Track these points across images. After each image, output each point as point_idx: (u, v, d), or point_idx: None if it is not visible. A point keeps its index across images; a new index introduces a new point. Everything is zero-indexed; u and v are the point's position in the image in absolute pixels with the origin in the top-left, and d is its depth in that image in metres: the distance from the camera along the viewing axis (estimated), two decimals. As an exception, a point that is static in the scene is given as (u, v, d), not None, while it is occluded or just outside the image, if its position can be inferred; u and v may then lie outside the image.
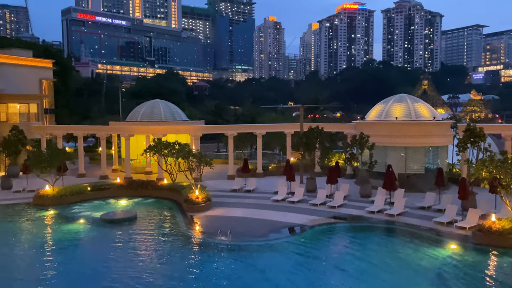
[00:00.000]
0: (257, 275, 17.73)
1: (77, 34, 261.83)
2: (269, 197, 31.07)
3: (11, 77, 46.70)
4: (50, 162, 30.97)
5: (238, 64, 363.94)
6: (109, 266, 19.05)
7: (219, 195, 31.93)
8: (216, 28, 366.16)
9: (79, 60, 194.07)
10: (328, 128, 40.55)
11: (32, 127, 45.05)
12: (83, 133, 44.24)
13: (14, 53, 51.55)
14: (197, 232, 23.76)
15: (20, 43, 77.37)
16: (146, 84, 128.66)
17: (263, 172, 40.92)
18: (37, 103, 50.19)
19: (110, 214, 27.21)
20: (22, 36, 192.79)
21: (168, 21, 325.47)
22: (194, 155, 30.25)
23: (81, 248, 22.61)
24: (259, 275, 17.73)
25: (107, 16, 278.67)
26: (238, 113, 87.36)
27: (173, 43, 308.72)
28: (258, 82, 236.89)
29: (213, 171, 35.84)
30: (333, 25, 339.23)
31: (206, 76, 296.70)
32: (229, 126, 47.64)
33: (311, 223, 24.71)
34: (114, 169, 45.02)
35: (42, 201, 30.08)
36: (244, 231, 23.16)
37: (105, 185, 34.07)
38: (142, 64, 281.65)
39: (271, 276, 17.57)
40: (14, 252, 21.42)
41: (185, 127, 43.28)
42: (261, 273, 17.89)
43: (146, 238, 23.34)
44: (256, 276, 17.64)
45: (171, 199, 31.33)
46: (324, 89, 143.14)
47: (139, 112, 46.38)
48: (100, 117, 70.80)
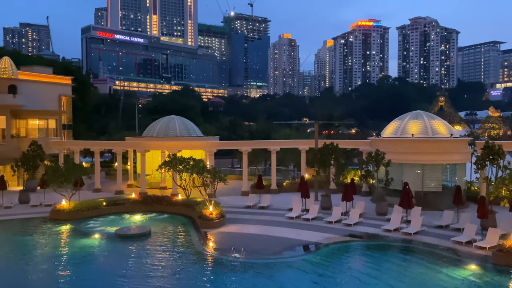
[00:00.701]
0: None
1: (96, 52, 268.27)
2: (283, 214, 30.81)
3: (32, 94, 47.86)
4: (67, 177, 31.36)
5: (253, 80, 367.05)
6: (123, 281, 19.01)
7: (233, 211, 31.81)
8: (231, 46, 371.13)
9: (98, 76, 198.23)
10: (343, 144, 40.27)
11: (51, 142, 45.88)
12: (100, 148, 44.85)
13: (35, 70, 52.97)
14: (210, 248, 23.62)
15: (41, 61, 79.63)
16: (162, 100, 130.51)
17: (277, 188, 40.71)
18: (56, 118, 51.24)
19: (125, 230, 27.31)
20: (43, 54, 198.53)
21: (184, 38, 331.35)
22: (208, 171, 30.32)
23: (96, 263, 22.64)
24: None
25: (125, 34, 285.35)
26: (252, 129, 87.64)
27: (189, 60, 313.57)
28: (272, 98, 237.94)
29: (227, 187, 35.81)
30: (348, 41, 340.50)
31: (221, 92, 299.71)
32: (243, 142, 47.76)
33: (326, 241, 24.36)
34: (130, 184, 45.38)
35: (59, 216, 30.41)
36: (258, 249, 22.93)
37: (120, 200, 34.32)
38: (158, 81, 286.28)
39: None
40: (30, 266, 21.59)
41: (199, 143, 43.54)
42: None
43: (160, 254, 23.29)
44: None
45: (185, 214, 31.32)
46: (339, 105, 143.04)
47: (155, 128, 46.90)
48: (117, 132, 71.84)
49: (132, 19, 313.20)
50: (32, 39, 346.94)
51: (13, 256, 23.53)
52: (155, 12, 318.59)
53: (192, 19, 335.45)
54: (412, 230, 25.28)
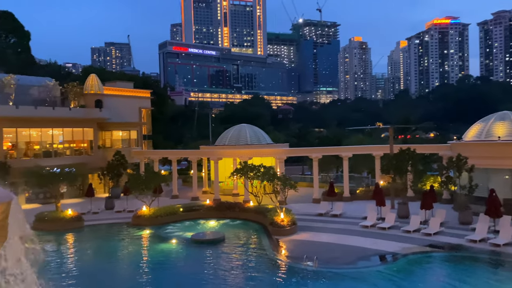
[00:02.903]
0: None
1: (172, 66, 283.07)
2: (357, 222, 29.87)
3: (115, 107, 51.67)
4: (147, 184, 33.24)
5: (323, 86, 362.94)
6: (200, 285, 19.63)
7: (305, 219, 31.49)
8: (300, 52, 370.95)
9: (174, 89, 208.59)
10: (421, 149, 38.21)
11: (132, 152, 49.06)
12: (177, 157, 47.07)
13: (118, 85, 57.22)
14: (283, 256, 23.58)
15: (123, 76, 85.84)
16: (233, 109, 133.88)
17: (350, 196, 39.63)
18: (137, 130, 54.76)
19: (200, 235, 28.26)
20: (125, 70, 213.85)
21: (254, 48, 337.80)
22: (278, 178, 30.41)
23: (173, 267, 23.67)
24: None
25: (198, 48, 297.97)
26: (322, 136, 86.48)
27: (259, 69, 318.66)
28: (343, 103, 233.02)
29: (298, 194, 35.58)
30: (423, 41, 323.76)
31: (290, 99, 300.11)
32: (313, 148, 47.28)
33: (404, 251, 23.15)
34: (204, 191, 46.99)
35: (139, 221, 32.31)
36: (331, 258, 22.44)
37: (195, 207, 35.65)
38: (230, 91, 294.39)
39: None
40: (114, 268, 23.17)
41: (269, 150, 43.88)
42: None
43: (234, 260, 23.74)
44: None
45: (257, 221, 31.63)
46: (415, 108, 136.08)
47: (227, 136, 48.19)
48: (192, 142, 74.94)
49: (205, 32, 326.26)
50: (116, 56, 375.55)
51: (99, 259, 25.42)
52: (226, 25, 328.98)
53: (261, 29, 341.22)
54: (501, 241, 23.15)
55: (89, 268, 23.51)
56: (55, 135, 46.05)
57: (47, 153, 44.52)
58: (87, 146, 48.80)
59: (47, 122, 44.35)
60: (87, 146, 48.80)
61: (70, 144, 47.65)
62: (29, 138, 44.53)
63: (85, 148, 48.67)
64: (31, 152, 44.46)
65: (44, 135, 45.20)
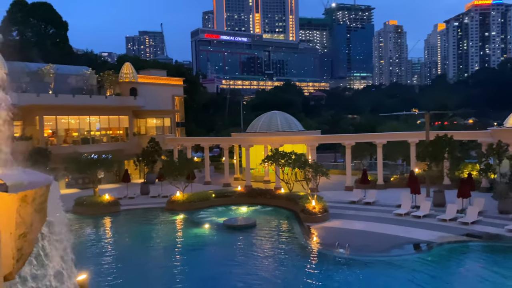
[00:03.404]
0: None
1: (204, 53, 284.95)
2: (391, 210, 29.34)
3: (149, 95, 52.69)
4: (180, 171, 33.92)
5: (357, 71, 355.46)
6: (232, 270, 19.95)
7: (337, 206, 31.25)
8: (333, 37, 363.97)
9: (206, 77, 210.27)
10: (459, 136, 36.90)
11: (166, 139, 50.02)
12: (209, 144, 47.64)
13: (151, 73, 58.24)
14: (314, 243, 23.55)
15: (157, 64, 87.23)
16: (265, 96, 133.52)
17: (384, 183, 38.92)
18: (170, 117, 55.70)
19: (232, 221, 28.64)
20: (159, 58, 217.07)
21: (286, 34, 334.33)
22: (310, 165, 30.22)
23: (207, 251, 24.16)
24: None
25: (229, 35, 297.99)
26: (356, 122, 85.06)
27: (291, 55, 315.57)
28: (378, 89, 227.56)
29: (330, 181, 35.30)
30: (463, 24, 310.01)
31: (323, 85, 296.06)
32: (346, 135, 46.58)
33: (439, 240, 22.59)
34: (236, 178, 47.43)
35: (173, 206, 33.08)
36: (364, 245, 22.21)
37: (227, 193, 36.10)
38: (261, 78, 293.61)
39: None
40: (150, 251, 23.89)
41: (301, 137, 43.60)
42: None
43: (265, 245, 23.94)
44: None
45: (288, 208, 31.68)
46: (453, 93, 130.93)
47: (258, 123, 48.22)
48: (224, 129, 75.57)
49: (236, 19, 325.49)
50: (149, 45, 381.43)
51: (135, 242, 26.26)
52: (258, 11, 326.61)
53: (293, 14, 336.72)
54: (545, 232, 22.15)
55: (125, 250, 24.37)
56: (92, 122, 47.57)
57: (85, 140, 46.12)
58: (123, 133, 50.16)
59: (85, 110, 45.83)
60: (123, 133, 50.16)
61: (106, 131, 49.13)
62: (68, 126, 46.21)
63: (121, 135, 50.04)
64: (70, 139, 46.17)
65: (82, 123, 46.77)
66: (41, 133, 42.67)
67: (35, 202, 4.75)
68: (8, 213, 4.22)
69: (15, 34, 71.37)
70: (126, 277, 19.64)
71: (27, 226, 4.60)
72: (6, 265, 4.21)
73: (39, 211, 4.93)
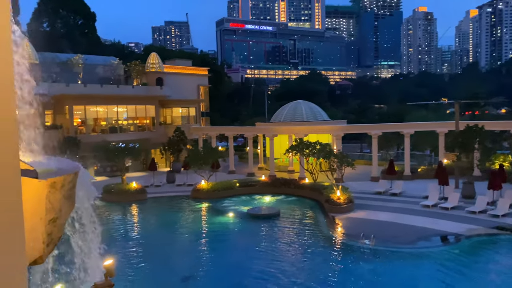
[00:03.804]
0: (402, 285, 16.57)
1: (229, 43, 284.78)
2: (418, 201, 28.79)
3: (175, 85, 53.22)
4: (205, 160, 34.26)
5: (384, 60, 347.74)
6: (255, 258, 20.09)
7: (362, 197, 30.90)
8: (360, 25, 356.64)
9: (231, 66, 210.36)
10: (490, 126, 35.69)
11: (191, 129, 50.53)
12: (233, 133, 47.84)
13: (177, 63, 58.72)
14: (338, 233, 23.41)
15: (182, 54, 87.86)
16: (290, 86, 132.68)
17: (411, 174, 38.17)
18: (195, 107, 56.17)
19: (256, 210, 28.77)
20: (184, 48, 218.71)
21: (311, 22, 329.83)
22: (335, 155, 29.92)
23: (231, 239, 24.41)
24: (405, 285, 16.54)
25: (254, 24, 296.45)
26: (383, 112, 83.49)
27: (316, 44, 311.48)
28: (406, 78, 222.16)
29: (356, 172, 34.95)
30: (496, 9, 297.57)
31: (349, 74, 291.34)
32: (373, 125, 45.79)
33: (468, 232, 22.04)
34: (260, 167, 47.53)
35: (198, 195, 33.52)
36: (389, 236, 21.91)
37: (251, 182, 36.25)
38: (286, 67, 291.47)
39: (418, 287, 16.22)
40: (174, 238, 24.34)
41: (326, 127, 43.17)
42: (407, 282, 16.67)
43: (289, 235, 23.96)
44: (401, 286, 16.50)
45: (312, 198, 31.56)
46: (485, 82, 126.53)
47: (282, 113, 48.00)
48: (248, 118, 75.64)
49: (261, 8, 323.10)
50: (175, 35, 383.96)
51: (161, 228, 26.78)
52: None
53: (319, 2, 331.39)
54: None
55: (151, 236, 24.93)
56: (119, 111, 48.51)
57: (113, 129, 47.11)
58: (149, 122, 50.96)
59: (112, 99, 46.74)
60: (149, 122, 50.96)
61: (133, 120, 50.02)
62: (97, 115, 47.28)
63: (148, 125, 50.85)
64: (99, 128, 47.27)
65: (110, 112, 47.76)
66: (71, 122, 43.84)
67: (64, 188, 4.88)
68: (38, 199, 4.35)
69: (46, 25, 73.22)
70: (151, 261, 20.18)
71: (57, 212, 4.73)
72: (36, 249, 4.36)
73: (67, 197, 5.06)
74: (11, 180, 2.47)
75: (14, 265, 2.36)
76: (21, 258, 2.42)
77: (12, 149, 2.49)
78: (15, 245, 2.38)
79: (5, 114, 2.42)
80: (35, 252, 4.37)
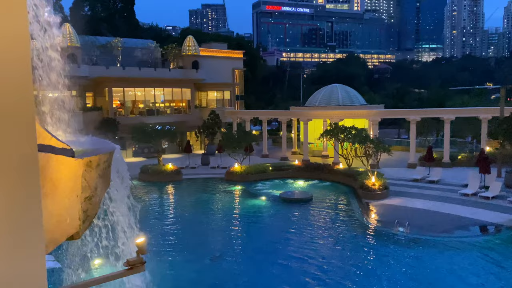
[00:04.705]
0: (438, 274, 16.21)
1: (265, 26, 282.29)
2: (457, 190, 27.86)
3: (210, 68, 53.53)
4: (239, 143, 34.51)
5: (426, 43, 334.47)
6: (288, 242, 20.22)
7: (398, 183, 30.24)
8: (401, 6, 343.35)
9: (266, 50, 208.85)
10: (539, 113, 33.69)
11: (226, 112, 50.86)
12: (267, 117, 47.78)
13: (212, 46, 58.92)
14: (372, 220, 23.10)
15: (218, 37, 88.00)
16: (326, 69, 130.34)
17: (450, 162, 36.90)
18: (230, 90, 56.37)
19: (289, 194, 28.81)
20: (220, 31, 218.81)
21: (350, 4, 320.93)
22: (371, 141, 29.33)
23: (263, 222, 24.62)
24: (441, 274, 16.17)
25: (291, 6, 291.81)
26: (423, 97, 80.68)
27: (355, 26, 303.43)
28: (448, 61, 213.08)
29: (392, 158, 34.16)
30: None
31: (388, 58, 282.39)
32: (411, 110, 44.35)
33: (510, 223, 21.15)
34: (294, 152, 47.37)
35: (232, 177, 33.91)
36: (425, 224, 21.41)
37: (284, 166, 36.23)
38: (323, 50, 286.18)
39: (454, 277, 15.82)
40: (207, 218, 24.84)
41: (362, 111, 42.26)
42: (443, 272, 16.28)
43: (322, 220, 23.89)
44: (437, 275, 16.15)
45: (346, 184, 31.20)
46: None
47: (317, 97, 47.37)
48: (283, 102, 75.20)
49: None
50: (211, 18, 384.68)
51: (195, 209, 27.36)
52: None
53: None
54: None
55: (186, 216, 25.62)
56: (157, 94, 49.44)
57: (150, 111, 48.18)
58: (185, 105, 51.70)
59: (150, 82, 47.66)
60: (185, 105, 51.70)
61: (170, 103, 50.90)
62: (135, 97, 48.42)
63: (184, 107, 51.62)
64: (136, 110, 48.46)
65: (148, 95, 48.77)
66: (110, 104, 45.15)
67: (99, 167, 5.03)
68: (74, 177, 4.51)
69: (87, 9, 75.16)
70: (184, 238, 20.87)
71: (92, 190, 4.90)
72: (73, 226, 4.55)
73: (102, 176, 5.22)
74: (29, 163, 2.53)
75: (32, 242, 2.45)
76: (39, 235, 2.51)
77: (29, 128, 2.55)
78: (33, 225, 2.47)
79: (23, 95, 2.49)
80: (72, 229, 4.56)
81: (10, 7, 2.35)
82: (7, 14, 2.35)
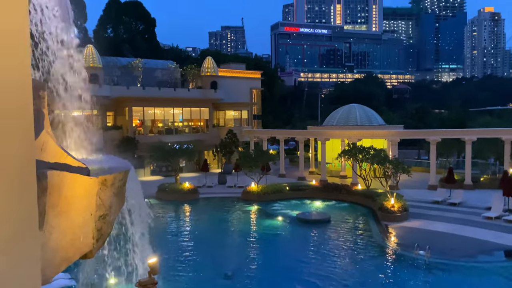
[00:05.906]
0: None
1: (283, 46, 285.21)
2: (479, 213, 27.05)
3: (228, 88, 54.10)
4: (256, 162, 34.43)
5: (445, 63, 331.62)
6: (304, 264, 19.82)
7: (418, 205, 29.55)
8: (420, 27, 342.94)
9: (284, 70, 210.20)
10: None
11: (243, 131, 51.07)
12: (284, 136, 47.73)
13: (231, 67, 59.71)
14: (391, 242, 22.53)
15: (237, 58, 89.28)
16: (344, 89, 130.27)
17: (472, 184, 35.96)
18: (248, 109, 56.72)
19: (306, 214, 28.43)
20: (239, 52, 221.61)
21: (368, 25, 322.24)
22: (390, 161, 28.88)
23: (279, 244, 24.28)
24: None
25: (309, 27, 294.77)
26: (443, 117, 79.42)
27: (373, 47, 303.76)
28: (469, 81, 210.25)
29: (412, 179, 33.52)
30: None
31: (407, 78, 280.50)
32: (431, 131, 43.69)
33: (536, 249, 20.33)
34: (311, 171, 46.99)
35: (248, 197, 33.74)
36: (446, 248, 20.73)
37: (302, 186, 35.90)
38: (341, 70, 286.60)
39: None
40: (223, 238, 24.66)
41: (381, 131, 41.83)
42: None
43: (340, 242, 23.41)
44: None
45: (365, 205, 30.65)
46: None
47: (335, 116, 47.18)
48: (300, 122, 75.14)
49: (317, 11, 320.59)
50: (231, 39, 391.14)
51: (211, 227, 27.22)
52: (339, 1, 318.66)
53: (376, 4, 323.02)
54: None
55: (201, 234, 25.48)
56: (176, 114, 50.11)
57: (169, 130, 48.75)
58: (203, 124, 52.19)
59: (169, 102, 48.40)
60: (203, 124, 52.19)
61: (188, 122, 51.49)
62: (154, 116, 49.16)
63: (202, 127, 52.11)
64: (156, 129, 49.12)
65: (167, 114, 49.49)
66: (130, 123, 45.91)
67: (114, 186, 5.06)
68: (89, 195, 4.54)
69: (110, 31, 77.46)
70: (198, 257, 20.74)
71: (107, 208, 4.91)
72: (86, 244, 4.55)
73: (117, 194, 5.24)
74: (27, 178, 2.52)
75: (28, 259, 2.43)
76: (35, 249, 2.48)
77: (27, 144, 2.56)
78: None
79: (21, 111, 2.50)
80: (85, 247, 4.56)
81: (10, 7, 2.38)
82: (7, 14, 2.38)
